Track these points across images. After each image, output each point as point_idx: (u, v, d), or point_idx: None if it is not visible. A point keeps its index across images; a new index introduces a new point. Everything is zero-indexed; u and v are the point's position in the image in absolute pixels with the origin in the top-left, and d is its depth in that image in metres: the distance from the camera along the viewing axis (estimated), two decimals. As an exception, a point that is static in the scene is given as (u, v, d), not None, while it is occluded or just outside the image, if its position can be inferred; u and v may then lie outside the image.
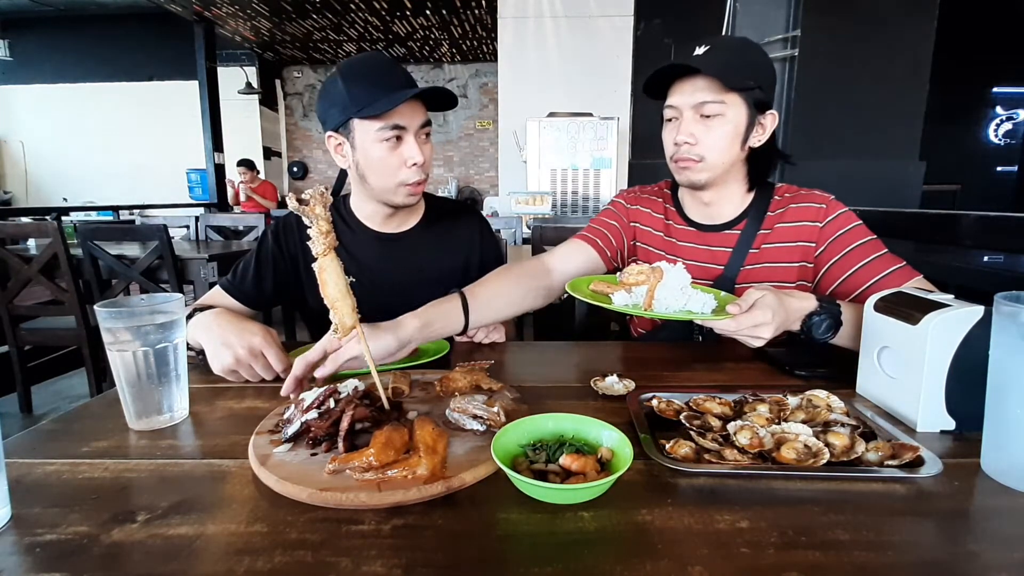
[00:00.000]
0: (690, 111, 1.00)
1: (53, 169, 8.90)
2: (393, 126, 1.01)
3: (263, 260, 1.17)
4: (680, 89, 1.01)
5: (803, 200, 1.07)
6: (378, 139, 1.02)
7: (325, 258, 0.69)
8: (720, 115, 0.98)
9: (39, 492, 0.53)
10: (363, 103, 1.00)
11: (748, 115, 1.00)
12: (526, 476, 0.49)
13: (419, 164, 1.05)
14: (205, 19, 6.65)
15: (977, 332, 0.60)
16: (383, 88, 1.00)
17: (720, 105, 0.98)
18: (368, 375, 0.80)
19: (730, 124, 0.99)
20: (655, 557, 0.42)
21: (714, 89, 0.97)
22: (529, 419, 0.59)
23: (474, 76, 9.21)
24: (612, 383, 0.77)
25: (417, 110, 1.04)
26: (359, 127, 1.03)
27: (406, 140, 1.03)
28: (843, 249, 1.02)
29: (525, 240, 3.27)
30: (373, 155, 1.04)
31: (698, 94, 0.98)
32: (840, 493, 0.51)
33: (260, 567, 0.41)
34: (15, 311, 2.40)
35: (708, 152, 1.00)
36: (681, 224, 1.15)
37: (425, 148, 1.07)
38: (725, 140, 1.00)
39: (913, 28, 3.45)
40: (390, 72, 1.03)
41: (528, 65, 5.03)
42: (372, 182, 1.08)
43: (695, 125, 1.00)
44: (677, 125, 1.02)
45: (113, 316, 0.65)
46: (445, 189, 9.01)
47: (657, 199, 1.21)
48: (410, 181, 1.06)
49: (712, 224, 1.12)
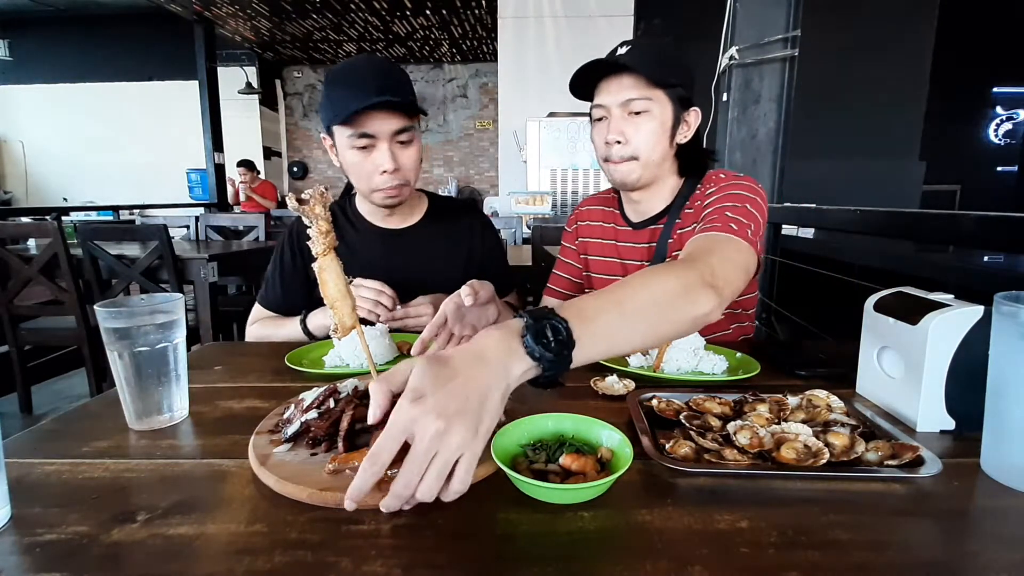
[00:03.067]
0: (618, 109, 1.01)
1: (53, 169, 8.89)
2: (361, 134, 1.02)
3: (285, 267, 1.20)
4: (607, 88, 1.02)
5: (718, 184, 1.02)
6: (349, 145, 1.04)
7: (325, 258, 0.69)
8: (647, 111, 1.00)
9: (39, 492, 0.53)
10: (337, 110, 1.02)
11: (674, 111, 1.02)
12: (526, 476, 0.49)
13: (389, 171, 1.05)
14: (205, 19, 6.65)
15: (977, 332, 0.60)
16: (353, 96, 1.00)
17: (647, 102, 0.99)
18: (366, 375, 0.80)
19: (657, 120, 1.01)
20: (655, 557, 0.42)
21: (640, 86, 0.99)
22: (528, 419, 0.58)
23: (474, 76, 9.21)
24: (612, 383, 0.77)
25: (390, 117, 1.03)
26: (337, 132, 1.06)
27: (378, 147, 1.05)
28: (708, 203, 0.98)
29: (525, 240, 3.27)
30: (348, 160, 1.07)
31: (625, 92, 1.00)
32: (840, 493, 0.51)
33: (260, 567, 0.41)
34: (15, 311, 2.40)
35: (640, 150, 1.02)
36: (621, 224, 1.18)
37: (404, 154, 1.07)
38: (654, 136, 1.01)
39: (913, 28, 3.45)
40: (365, 79, 1.01)
41: (528, 65, 5.03)
42: (354, 183, 1.14)
43: (624, 123, 1.01)
44: (606, 124, 1.03)
45: (113, 316, 0.65)
46: (445, 189, 9.00)
47: (600, 207, 1.24)
48: (383, 187, 1.08)
49: (640, 221, 1.14)
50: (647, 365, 0.88)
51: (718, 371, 0.84)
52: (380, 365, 0.79)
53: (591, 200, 1.28)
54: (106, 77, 8.57)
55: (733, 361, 0.89)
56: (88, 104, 8.68)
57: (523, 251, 2.76)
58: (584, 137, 4.71)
